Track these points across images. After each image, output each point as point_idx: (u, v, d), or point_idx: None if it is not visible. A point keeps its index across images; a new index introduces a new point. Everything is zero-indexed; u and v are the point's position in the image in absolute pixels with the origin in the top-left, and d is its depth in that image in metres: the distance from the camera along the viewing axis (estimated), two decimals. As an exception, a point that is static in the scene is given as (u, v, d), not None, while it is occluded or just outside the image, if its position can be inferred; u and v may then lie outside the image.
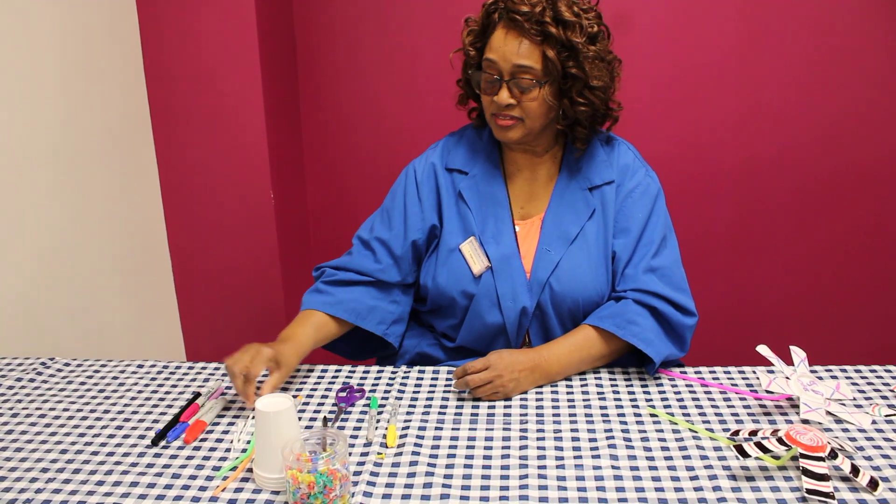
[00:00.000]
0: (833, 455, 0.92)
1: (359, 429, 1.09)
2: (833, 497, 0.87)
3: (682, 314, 1.24)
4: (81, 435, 1.08)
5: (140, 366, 1.31)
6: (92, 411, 1.15)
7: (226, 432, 1.09)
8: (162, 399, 1.19)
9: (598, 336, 1.22)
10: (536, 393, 1.18)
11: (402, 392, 1.20)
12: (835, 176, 2.13)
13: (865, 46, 2.01)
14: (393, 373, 1.27)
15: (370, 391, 1.20)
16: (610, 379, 1.22)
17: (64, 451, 1.04)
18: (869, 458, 0.97)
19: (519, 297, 1.25)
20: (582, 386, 1.20)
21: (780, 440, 0.93)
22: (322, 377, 1.26)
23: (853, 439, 1.02)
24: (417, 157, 1.38)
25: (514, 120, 1.22)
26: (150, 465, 1.00)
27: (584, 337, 1.23)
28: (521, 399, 1.16)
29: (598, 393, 1.17)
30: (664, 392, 1.17)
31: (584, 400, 1.15)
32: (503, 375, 1.14)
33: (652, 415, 1.10)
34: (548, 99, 1.20)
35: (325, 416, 1.13)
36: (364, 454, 1.02)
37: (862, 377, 1.20)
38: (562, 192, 1.29)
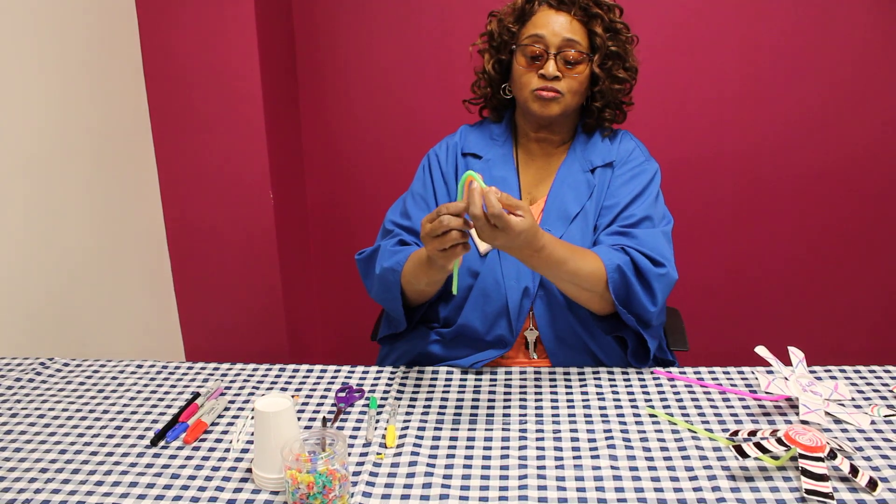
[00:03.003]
0: (832, 455, 0.92)
1: (358, 429, 1.09)
2: (832, 497, 0.87)
3: (652, 263, 1.22)
4: (80, 435, 1.08)
5: (139, 366, 1.31)
6: (91, 411, 1.15)
7: (225, 432, 1.09)
8: (161, 399, 1.19)
9: (589, 252, 1.20)
10: (535, 393, 1.18)
11: (402, 392, 1.20)
12: (834, 177, 2.13)
13: (864, 39, 2.01)
14: (392, 373, 1.27)
15: (369, 391, 1.20)
16: (609, 379, 1.22)
17: (63, 452, 1.04)
18: (868, 459, 0.97)
19: (522, 277, 1.28)
20: (581, 386, 1.20)
21: (779, 440, 0.93)
22: (321, 377, 1.26)
23: (852, 440, 1.02)
24: (437, 144, 1.44)
25: (557, 93, 1.28)
26: (149, 466, 1.00)
27: (588, 256, 1.20)
28: (521, 399, 1.16)
29: (598, 393, 1.17)
30: (663, 392, 1.17)
31: (583, 400, 1.15)
32: (513, 240, 1.04)
33: (651, 415, 1.10)
34: (596, 71, 1.29)
35: (324, 417, 1.13)
36: (363, 454, 1.02)
37: (861, 377, 1.20)
38: (565, 175, 1.35)
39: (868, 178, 2.12)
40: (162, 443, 1.06)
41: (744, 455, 0.92)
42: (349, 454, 1.02)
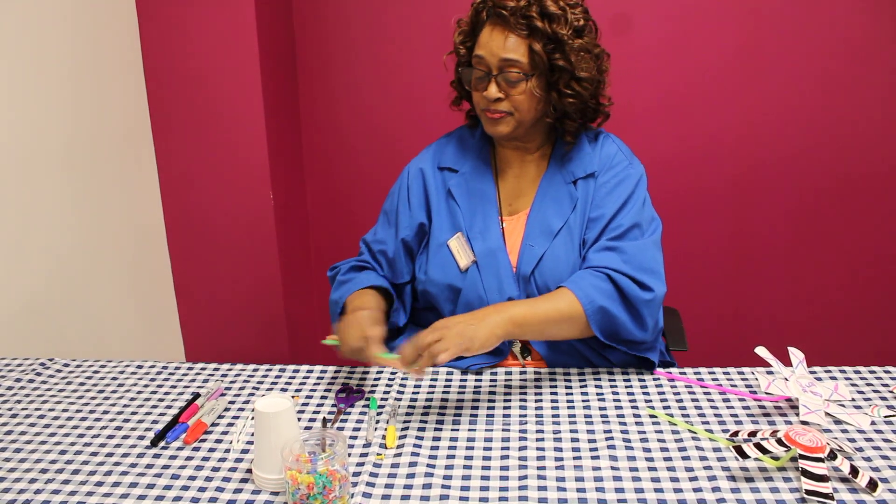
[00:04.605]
0: (832, 456, 0.92)
1: (358, 429, 1.09)
2: (832, 498, 0.87)
3: (639, 288, 1.20)
4: (81, 436, 1.08)
5: (139, 366, 1.31)
6: (91, 412, 1.15)
7: (225, 433, 1.09)
8: (161, 400, 1.19)
9: (563, 294, 1.19)
10: (535, 393, 1.18)
11: (402, 393, 1.20)
12: (834, 179, 2.13)
13: (868, 52, 2.01)
14: (392, 373, 1.27)
15: (369, 392, 1.20)
16: (609, 380, 1.22)
17: (63, 452, 1.04)
18: (868, 459, 0.97)
19: (505, 290, 1.27)
20: (581, 387, 1.20)
21: (779, 441, 0.93)
22: (321, 378, 1.26)
23: (852, 440, 1.02)
24: (414, 159, 1.41)
25: (503, 114, 1.24)
26: (149, 466, 1.00)
27: (549, 294, 1.22)
28: (521, 400, 1.16)
29: (598, 394, 1.17)
30: (663, 393, 1.17)
31: (583, 401, 1.15)
32: (449, 327, 1.07)
33: (651, 416, 1.10)
34: (535, 91, 1.22)
35: (324, 417, 1.13)
36: (363, 455, 1.02)
37: (861, 378, 1.20)
38: (546, 188, 1.32)
39: (868, 176, 2.12)
40: (162, 443, 1.06)
41: (744, 455, 0.92)
42: (349, 455, 1.02)
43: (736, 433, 1.03)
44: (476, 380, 1.23)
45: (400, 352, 1.07)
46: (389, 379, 1.25)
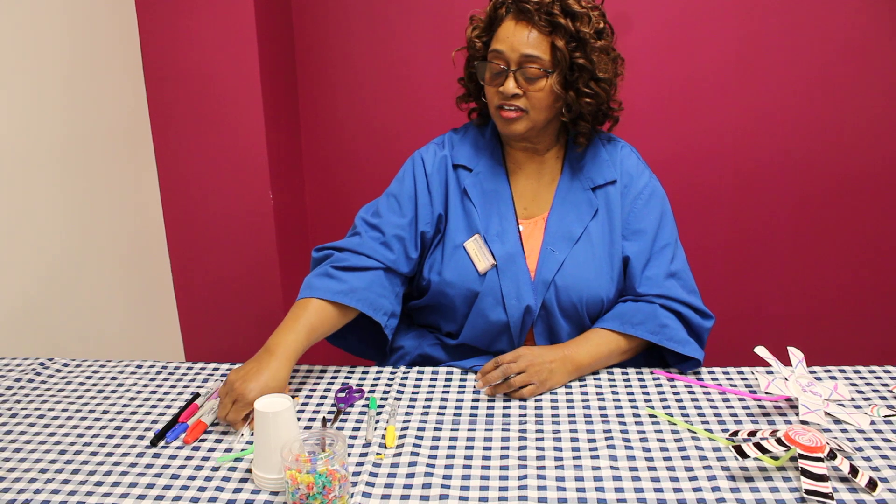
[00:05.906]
0: (832, 456, 0.92)
1: (358, 429, 1.09)
2: (832, 497, 0.87)
3: (702, 317, 1.27)
4: (80, 435, 1.08)
5: (139, 366, 1.31)
6: (91, 412, 1.15)
7: (225, 433, 1.09)
8: (161, 399, 1.19)
9: (616, 334, 1.25)
10: (535, 393, 1.18)
11: (401, 392, 1.20)
12: (834, 179, 2.13)
13: (868, 51, 2.00)
14: (392, 373, 1.27)
15: (369, 391, 1.20)
16: (609, 380, 1.22)
17: (63, 452, 1.04)
18: (868, 459, 0.97)
19: (523, 296, 1.26)
20: (581, 387, 1.20)
21: (778, 441, 0.94)
22: (321, 377, 1.26)
23: (852, 440, 1.02)
24: (423, 147, 1.37)
25: (520, 112, 1.23)
26: (148, 466, 1.00)
27: (603, 334, 1.25)
28: (520, 399, 1.16)
29: (597, 394, 1.17)
30: (663, 393, 1.17)
31: (582, 401, 1.15)
32: (535, 364, 1.16)
33: (651, 415, 1.10)
34: (555, 89, 1.21)
35: (323, 417, 1.13)
36: (363, 455, 1.02)
37: (861, 378, 1.20)
38: (565, 193, 1.30)
39: (868, 175, 2.12)
40: (162, 443, 1.06)
41: (743, 455, 0.92)
42: (349, 454, 1.02)
43: (735, 433, 1.03)
44: (476, 380, 1.23)
45: (483, 370, 1.19)
46: (389, 379, 1.25)
